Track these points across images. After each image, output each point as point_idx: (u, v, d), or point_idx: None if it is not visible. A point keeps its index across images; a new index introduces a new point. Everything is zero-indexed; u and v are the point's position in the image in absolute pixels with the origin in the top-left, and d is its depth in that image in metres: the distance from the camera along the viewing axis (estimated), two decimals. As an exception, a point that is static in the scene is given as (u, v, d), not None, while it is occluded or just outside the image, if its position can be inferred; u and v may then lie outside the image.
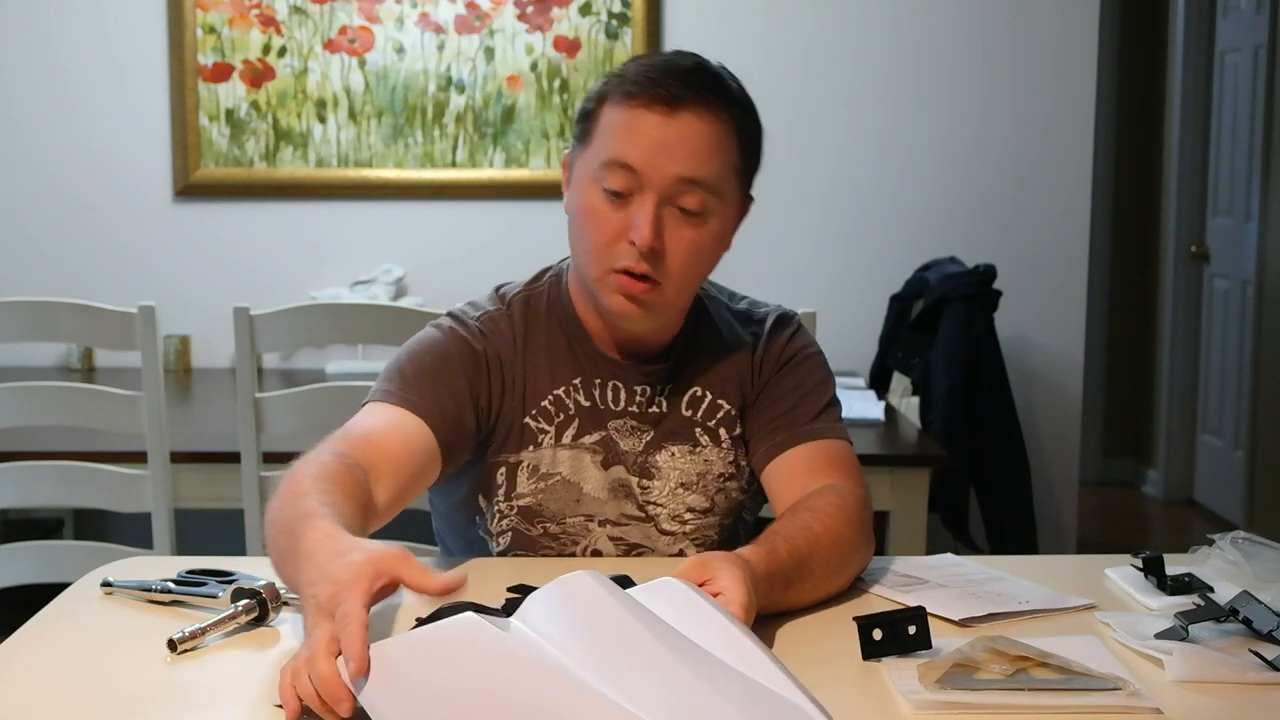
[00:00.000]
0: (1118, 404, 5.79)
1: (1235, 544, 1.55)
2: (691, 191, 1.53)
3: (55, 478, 2.63)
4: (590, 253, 1.56)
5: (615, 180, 1.52)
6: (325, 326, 2.62)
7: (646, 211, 1.52)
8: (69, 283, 3.68)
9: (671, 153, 1.52)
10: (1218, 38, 5.19)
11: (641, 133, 1.52)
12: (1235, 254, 5.03)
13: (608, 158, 1.53)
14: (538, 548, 1.66)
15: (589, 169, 1.56)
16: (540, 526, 1.65)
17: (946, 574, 1.57)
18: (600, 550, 1.66)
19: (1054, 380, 4.00)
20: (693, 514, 1.68)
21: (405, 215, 3.92)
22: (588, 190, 1.55)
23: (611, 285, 1.55)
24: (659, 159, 1.51)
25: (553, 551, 1.66)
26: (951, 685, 1.21)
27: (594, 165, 1.55)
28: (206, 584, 1.43)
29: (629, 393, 1.65)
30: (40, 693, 1.23)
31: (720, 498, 1.69)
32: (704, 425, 1.67)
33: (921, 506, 2.84)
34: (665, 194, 1.53)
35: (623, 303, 1.56)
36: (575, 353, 1.65)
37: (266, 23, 3.85)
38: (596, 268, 1.56)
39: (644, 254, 1.52)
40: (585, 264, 1.58)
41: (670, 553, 1.67)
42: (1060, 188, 3.94)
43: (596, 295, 1.59)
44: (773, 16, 3.90)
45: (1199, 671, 1.26)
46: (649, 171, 1.52)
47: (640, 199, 1.52)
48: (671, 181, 1.52)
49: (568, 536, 1.66)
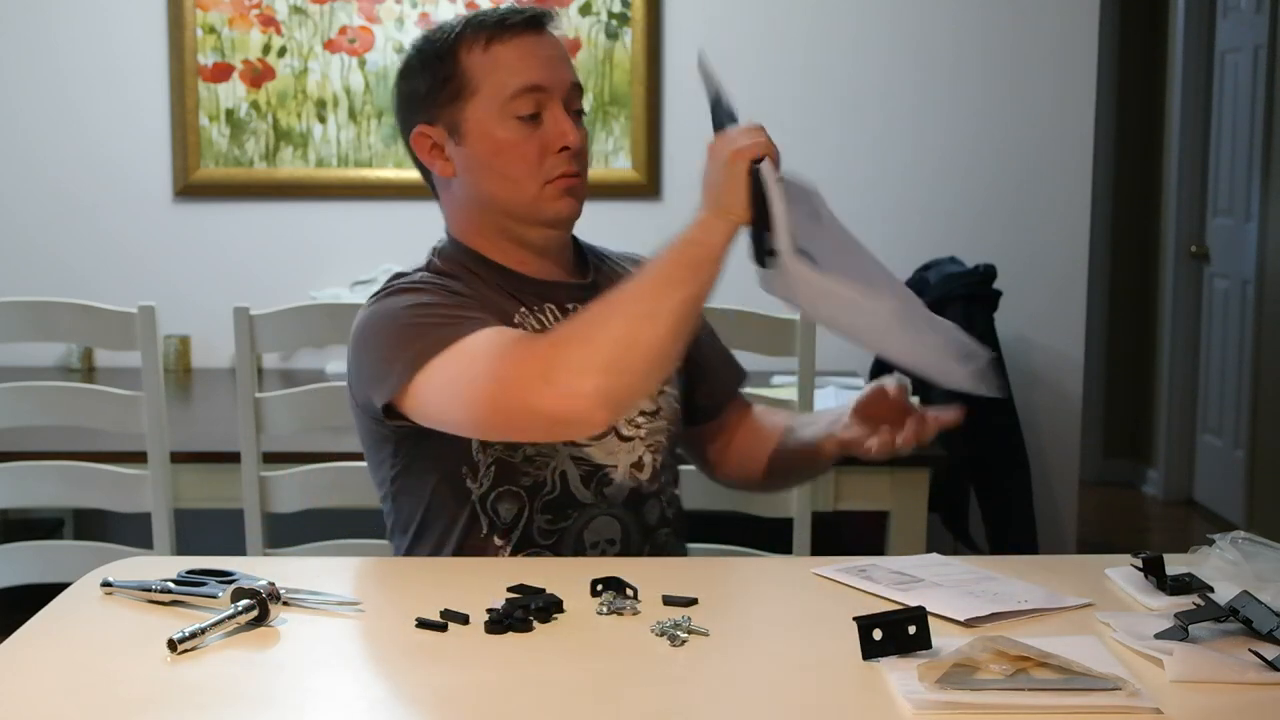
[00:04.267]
0: (1118, 404, 5.78)
1: (1235, 544, 1.55)
2: (577, 94, 1.73)
3: (55, 478, 2.63)
4: (522, 180, 1.69)
5: (526, 105, 1.68)
6: (325, 326, 2.61)
7: (564, 118, 1.69)
8: (69, 283, 3.68)
9: (558, 64, 1.71)
10: (1218, 38, 5.19)
11: (531, 55, 1.69)
12: (1235, 254, 5.03)
13: (517, 88, 1.67)
14: (517, 476, 1.69)
15: (488, 111, 1.68)
16: (520, 452, 1.69)
17: (938, 573, 1.57)
18: (566, 472, 1.71)
19: (1054, 380, 4.00)
20: (643, 417, 1.78)
21: (405, 215, 3.91)
22: (497, 129, 1.68)
23: (552, 194, 1.70)
24: (554, 72, 1.70)
25: (529, 479, 1.70)
26: (951, 685, 1.21)
27: (496, 104, 1.68)
28: (206, 584, 1.43)
29: (564, 311, 1.74)
30: (40, 693, 1.23)
31: (662, 400, 1.80)
32: None
33: (921, 506, 2.84)
34: (565, 100, 1.70)
35: (564, 203, 1.71)
36: (507, 290, 1.74)
37: (266, 23, 3.85)
38: (531, 188, 1.69)
39: (575, 154, 1.70)
40: (516, 194, 1.70)
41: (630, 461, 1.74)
42: (1060, 188, 3.94)
43: (534, 216, 1.71)
44: (773, 16, 3.90)
45: (1199, 671, 1.26)
46: (553, 84, 1.69)
47: (550, 112, 1.69)
48: (568, 88, 1.71)
49: (541, 458, 1.70)
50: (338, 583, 1.50)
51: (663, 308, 1.49)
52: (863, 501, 2.85)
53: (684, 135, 3.84)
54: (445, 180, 1.76)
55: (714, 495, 2.09)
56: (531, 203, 1.70)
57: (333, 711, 1.22)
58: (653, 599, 1.46)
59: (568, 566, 1.65)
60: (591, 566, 1.59)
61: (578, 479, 1.72)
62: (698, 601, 1.46)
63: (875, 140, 3.93)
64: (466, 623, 1.39)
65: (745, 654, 1.35)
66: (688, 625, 1.37)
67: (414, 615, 1.39)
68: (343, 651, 1.36)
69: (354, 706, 1.23)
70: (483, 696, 1.25)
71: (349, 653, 1.35)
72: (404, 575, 1.66)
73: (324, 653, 1.35)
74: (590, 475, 1.73)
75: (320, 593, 1.45)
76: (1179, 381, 5.44)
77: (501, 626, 1.37)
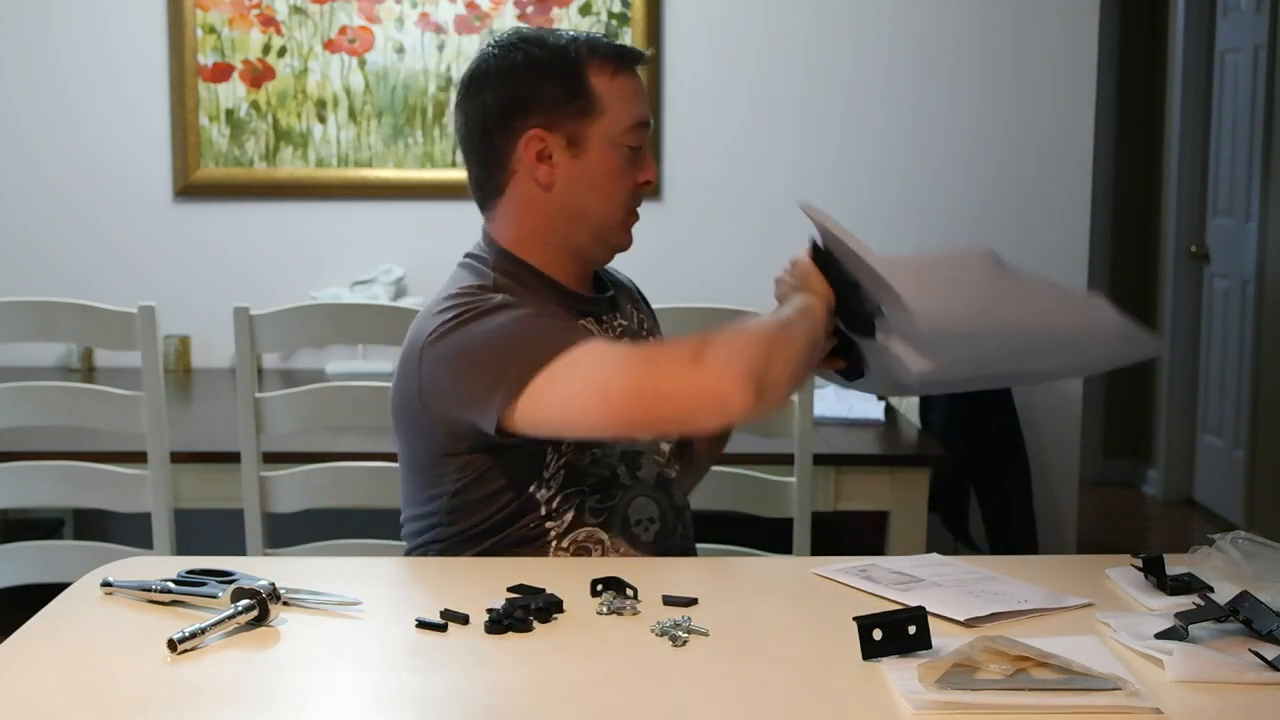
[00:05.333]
0: (1118, 404, 5.78)
1: (1235, 544, 1.55)
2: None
3: (55, 478, 2.63)
4: (619, 205, 1.78)
5: (637, 138, 1.76)
6: (325, 326, 2.62)
7: (651, 158, 1.80)
8: (69, 283, 3.68)
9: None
10: (1218, 38, 5.19)
11: (640, 93, 1.78)
12: (1235, 254, 5.03)
13: (634, 121, 1.76)
14: (588, 478, 1.74)
15: (611, 135, 1.74)
16: (589, 454, 1.74)
17: (938, 573, 1.57)
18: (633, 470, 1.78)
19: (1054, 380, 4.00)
20: None
21: (405, 215, 3.92)
22: (610, 154, 1.75)
23: (628, 226, 1.81)
24: (649, 113, 1.81)
25: (594, 477, 1.74)
26: (951, 685, 1.21)
27: (618, 130, 1.75)
28: (206, 584, 1.43)
29: (600, 324, 1.83)
30: (40, 693, 1.23)
31: None
32: (644, 337, 1.92)
33: (921, 506, 2.84)
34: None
35: (629, 236, 1.82)
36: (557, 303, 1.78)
37: (266, 23, 3.85)
38: (621, 213, 1.78)
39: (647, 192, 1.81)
40: (610, 217, 1.78)
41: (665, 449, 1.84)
42: (1060, 188, 3.94)
43: (612, 236, 1.80)
44: (772, 16, 3.90)
45: (1199, 671, 1.26)
46: (650, 124, 1.80)
47: (645, 149, 1.79)
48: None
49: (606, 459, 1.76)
50: (338, 583, 1.50)
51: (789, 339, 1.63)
52: (863, 501, 2.85)
53: (684, 135, 3.85)
54: (530, 187, 1.76)
55: (714, 495, 2.09)
56: (617, 227, 1.79)
57: (333, 711, 1.22)
58: (653, 599, 1.46)
59: (568, 566, 1.65)
60: (592, 566, 1.59)
61: (617, 457, 1.77)
62: (698, 601, 1.46)
63: (875, 140, 3.93)
64: (466, 623, 1.39)
65: (745, 654, 1.35)
66: (688, 625, 1.37)
67: (414, 615, 1.39)
68: (343, 651, 1.35)
69: (354, 706, 1.23)
70: (483, 696, 1.25)
71: (349, 653, 1.35)
72: (404, 575, 1.66)
73: (324, 653, 1.35)
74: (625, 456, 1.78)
75: (320, 593, 1.45)
76: (1179, 381, 5.44)
77: (501, 626, 1.37)
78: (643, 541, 1.76)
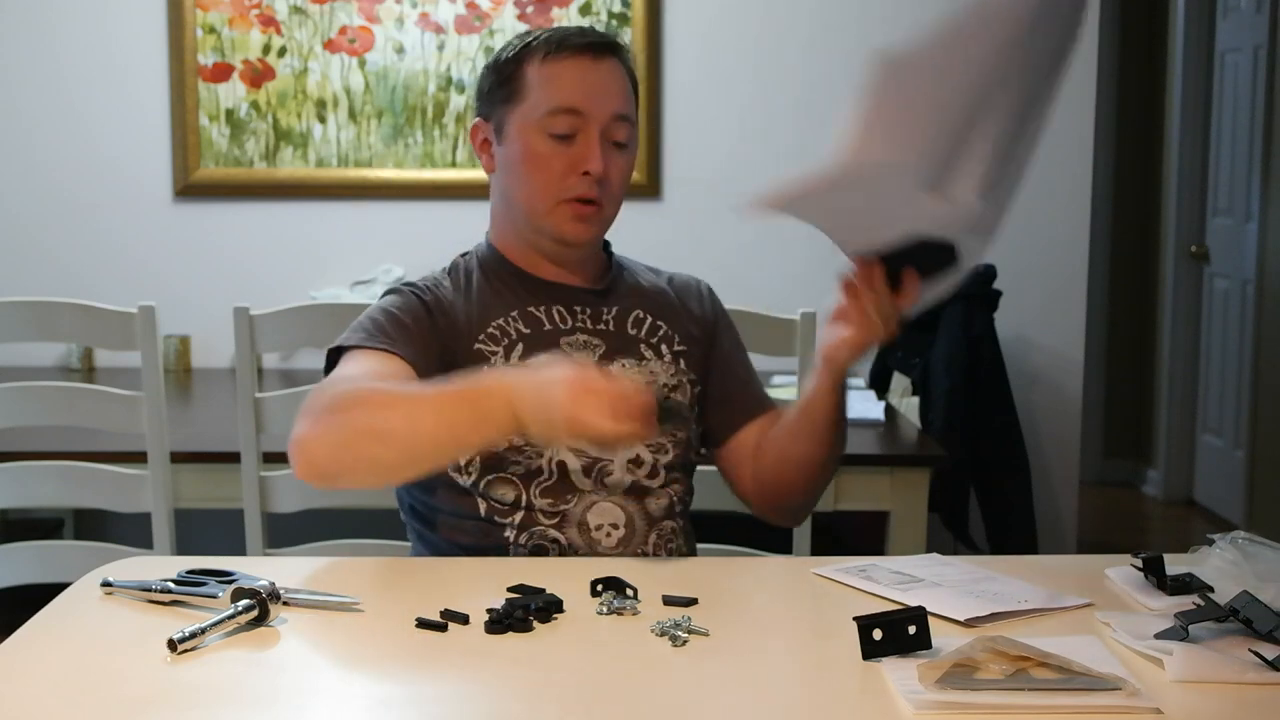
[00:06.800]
0: (1118, 404, 5.79)
1: (1235, 544, 1.55)
2: (621, 125, 1.79)
3: (55, 478, 2.62)
4: (539, 192, 1.78)
5: (561, 125, 1.76)
6: (325, 326, 2.61)
7: (595, 145, 1.76)
8: (69, 283, 3.68)
9: (605, 93, 1.77)
10: (1218, 38, 5.19)
11: (578, 80, 1.76)
12: (1235, 254, 5.03)
13: (553, 106, 1.76)
14: (506, 465, 1.75)
15: (528, 121, 1.77)
16: (506, 440, 1.72)
17: (938, 573, 1.57)
18: (565, 461, 1.75)
19: (1054, 380, 4.00)
20: None
21: (405, 215, 3.92)
22: (531, 139, 1.77)
23: (565, 214, 1.78)
24: (597, 99, 1.76)
25: (520, 468, 1.74)
26: (951, 685, 1.21)
27: (535, 116, 1.77)
28: (206, 584, 1.43)
29: (572, 312, 1.83)
30: (40, 693, 1.23)
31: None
32: (647, 342, 1.86)
33: (921, 506, 2.84)
34: (603, 129, 1.77)
35: (575, 226, 1.79)
36: (512, 289, 1.83)
37: (266, 23, 3.85)
38: (547, 202, 1.78)
39: (596, 181, 1.76)
40: (533, 203, 1.79)
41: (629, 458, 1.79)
42: (1060, 188, 3.94)
43: (546, 229, 1.80)
44: (772, 16, 3.90)
45: (1199, 671, 1.26)
46: (591, 110, 1.76)
47: (584, 136, 1.76)
48: (609, 118, 1.77)
49: (532, 448, 1.74)
50: (338, 583, 1.50)
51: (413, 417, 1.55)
52: (863, 501, 2.85)
53: (684, 135, 3.85)
54: (489, 177, 1.88)
55: (714, 495, 2.09)
56: (545, 215, 1.79)
57: (333, 711, 1.22)
58: (653, 599, 1.46)
59: (568, 566, 1.65)
60: (592, 566, 1.59)
61: (579, 469, 1.77)
62: (698, 601, 1.46)
63: (875, 140, 3.92)
64: (466, 623, 1.39)
65: (745, 654, 1.35)
66: (688, 625, 1.37)
67: (414, 615, 1.39)
68: (343, 651, 1.35)
69: (354, 706, 1.23)
70: (483, 696, 1.25)
71: (349, 653, 1.35)
72: (404, 575, 1.66)
73: (324, 653, 1.35)
74: (590, 466, 1.77)
75: (320, 593, 1.45)
76: (1179, 381, 5.45)
77: (501, 626, 1.37)
78: (603, 546, 1.76)
